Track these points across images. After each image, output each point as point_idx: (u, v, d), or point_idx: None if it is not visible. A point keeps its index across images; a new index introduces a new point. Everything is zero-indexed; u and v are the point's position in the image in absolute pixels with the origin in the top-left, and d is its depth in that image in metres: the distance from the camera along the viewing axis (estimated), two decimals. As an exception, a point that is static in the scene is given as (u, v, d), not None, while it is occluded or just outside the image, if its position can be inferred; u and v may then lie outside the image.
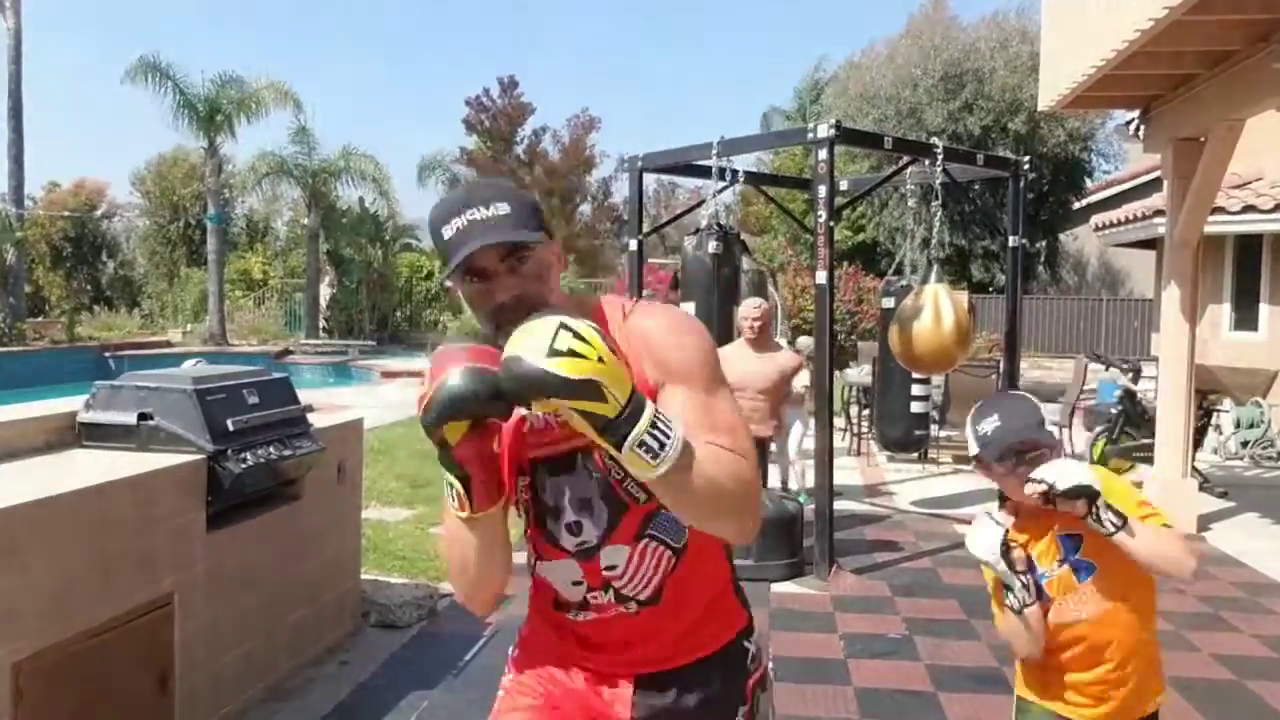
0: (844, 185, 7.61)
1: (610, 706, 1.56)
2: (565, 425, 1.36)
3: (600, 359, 1.25)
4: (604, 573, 1.50)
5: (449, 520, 1.47)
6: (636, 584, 1.51)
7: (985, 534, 2.00)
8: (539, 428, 1.50)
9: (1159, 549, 1.96)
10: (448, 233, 1.40)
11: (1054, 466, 1.97)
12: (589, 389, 1.24)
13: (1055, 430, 2.16)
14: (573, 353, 1.24)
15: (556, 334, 1.25)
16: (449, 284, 1.48)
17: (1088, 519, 1.95)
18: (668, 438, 1.28)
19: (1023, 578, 2.00)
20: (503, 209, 1.40)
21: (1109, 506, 1.94)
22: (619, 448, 1.27)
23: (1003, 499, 2.18)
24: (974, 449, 2.12)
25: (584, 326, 1.27)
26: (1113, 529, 1.93)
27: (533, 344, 1.25)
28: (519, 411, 1.44)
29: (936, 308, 5.61)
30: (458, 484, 1.38)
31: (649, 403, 1.30)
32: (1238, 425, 9.50)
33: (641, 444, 1.26)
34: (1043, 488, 1.94)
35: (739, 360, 5.43)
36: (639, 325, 1.48)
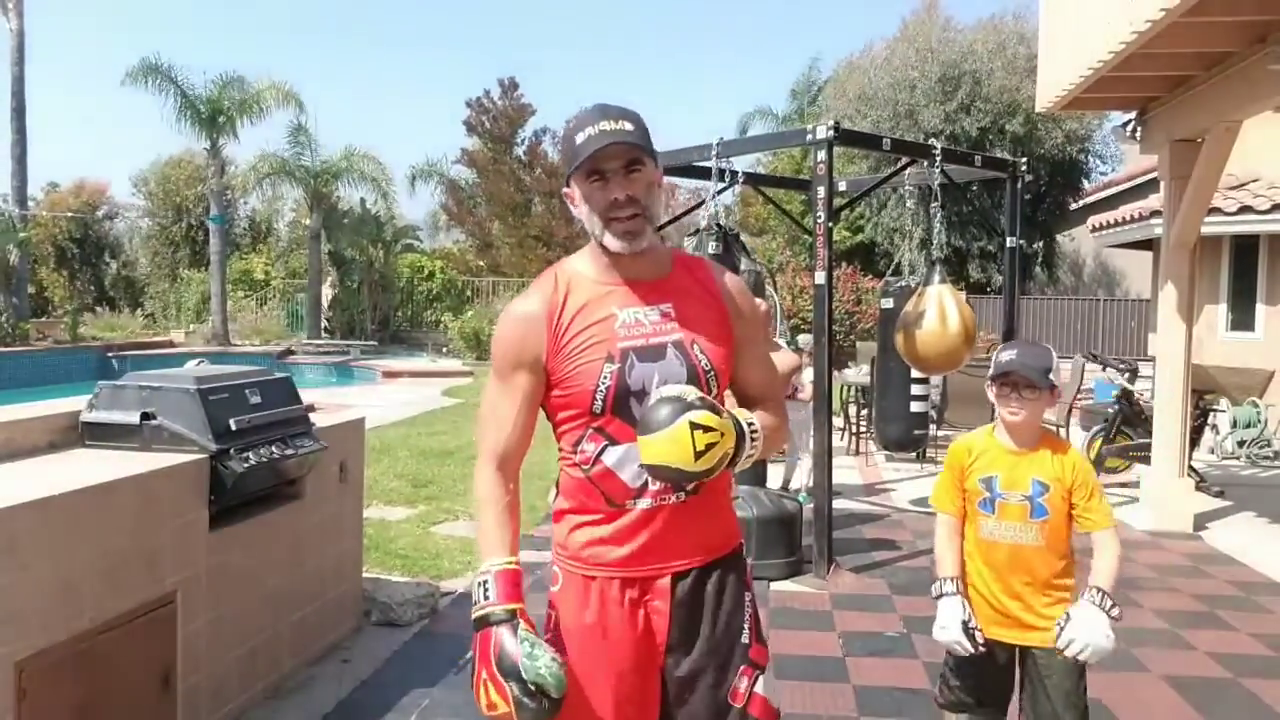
0: (842, 186, 7.62)
1: (650, 604, 1.79)
2: (658, 322, 1.73)
3: (723, 434, 1.62)
4: None
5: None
6: None
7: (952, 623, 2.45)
8: (629, 323, 1.75)
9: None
10: (580, 138, 1.68)
11: (1089, 642, 2.28)
12: (726, 464, 1.65)
13: (1054, 377, 2.50)
14: (709, 446, 1.60)
15: (693, 437, 1.58)
16: (566, 189, 1.76)
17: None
18: (756, 432, 1.72)
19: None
20: (628, 126, 1.68)
21: (1103, 598, 2.32)
22: (734, 464, 1.70)
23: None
24: (990, 371, 2.50)
25: (704, 414, 1.61)
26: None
27: (679, 454, 1.59)
28: (611, 308, 1.74)
29: (941, 309, 5.64)
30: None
31: (743, 422, 1.70)
32: (1234, 425, 9.52)
33: (749, 455, 1.71)
34: (1072, 651, 2.29)
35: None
36: (733, 283, 1.89)
